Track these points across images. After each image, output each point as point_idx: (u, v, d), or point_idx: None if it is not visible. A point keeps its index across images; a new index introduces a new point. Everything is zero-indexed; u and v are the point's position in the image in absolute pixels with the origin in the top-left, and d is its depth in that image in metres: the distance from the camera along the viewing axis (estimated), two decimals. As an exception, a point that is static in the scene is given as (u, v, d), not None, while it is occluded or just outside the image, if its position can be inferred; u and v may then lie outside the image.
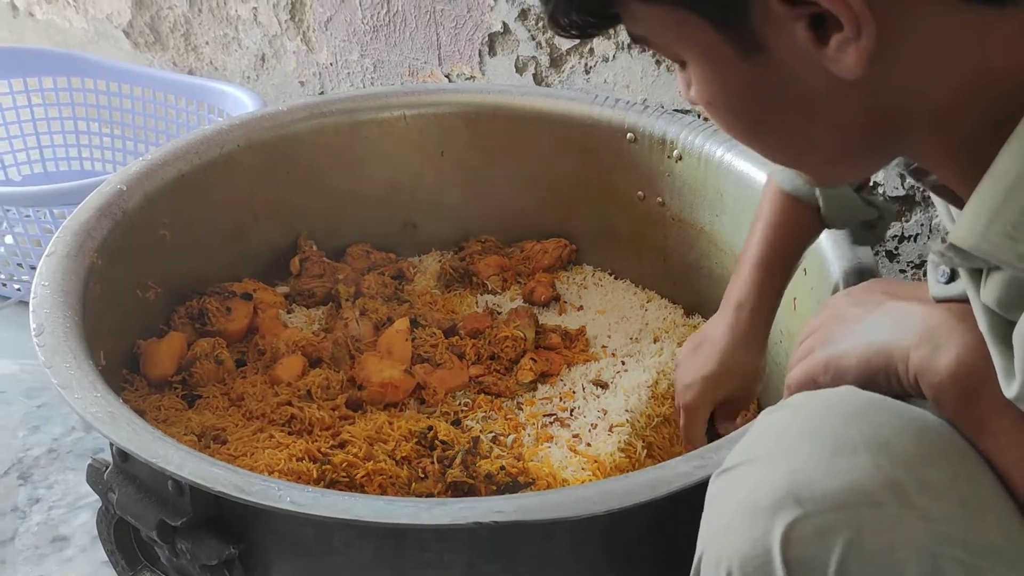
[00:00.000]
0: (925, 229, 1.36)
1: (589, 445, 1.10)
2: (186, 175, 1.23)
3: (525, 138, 1.39)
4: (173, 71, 1.94)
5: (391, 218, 1.46)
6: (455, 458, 1.03)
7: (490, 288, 1.40)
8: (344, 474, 1.00)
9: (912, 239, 1.37)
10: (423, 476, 1.02)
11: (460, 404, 1.17)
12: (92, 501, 1.24)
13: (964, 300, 0.60)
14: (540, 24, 1.52)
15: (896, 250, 1.39)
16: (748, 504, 0.58)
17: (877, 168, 0.64)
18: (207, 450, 1.04)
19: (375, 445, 1.05)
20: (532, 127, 1.38)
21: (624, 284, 1.43)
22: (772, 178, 0.96)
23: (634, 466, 1.09)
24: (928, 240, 1.36)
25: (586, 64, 1.51)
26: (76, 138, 1.90)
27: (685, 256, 1.35)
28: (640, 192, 1.36)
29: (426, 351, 1.23)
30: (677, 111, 1.36)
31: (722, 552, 0.59)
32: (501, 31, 1.55)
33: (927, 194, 1.34)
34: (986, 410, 0.59)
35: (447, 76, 1.65)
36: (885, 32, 0.51)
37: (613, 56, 1.48)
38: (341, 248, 1.42)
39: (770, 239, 0.96)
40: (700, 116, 1.35)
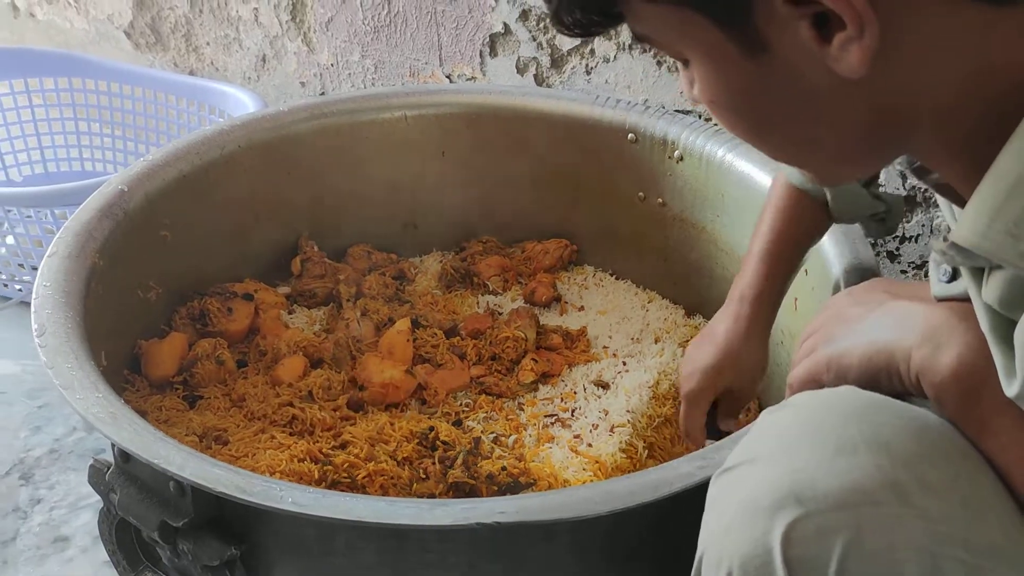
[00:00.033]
0: (926, 230, 1.36)
1: (590, 446, 1.10)
2: (187, 176, 1.23)
3: (526, 139, 1.39)
4: (174, 72, 1.94)
5: (392, 218, 1.46)
6: (456, 459, 1.03)
7: (491, 288, 1.40)
8: (345, 475, 1.00)
9: (913, 239, 1.37)
10: (424, 477, 1.02)
11: (461, 405, 1.17)
12: (93, 502, 1.24)
13: (966, 299, 0.60)
14: (541, 25, 1.52)
15: (897, 250, 1.39)
16: (749, 504, 0.58)
17: (880, 167, 0.65)
18: (208, 451, 1.04)
19: (376, 446, 1.05)
20: (533, 128, 1.38)
21: (625, 284, 1.43)
22: (781, 172, 0.97)
23: (635, 467, 1.09)
24: (929, 241, 1.36)
25: (587, 65, 1.51)
26: (77, 139, 1.90)
27: (686, 257, 1.35)
28: (641, 192, 1.36)
29: (427, 352, 1.23)
30: (678, 111, 1.36)
31: (723, 552, 0.59)
32: (502, 32, 1.55)
33: (928, 194, 1.34)
34: (987, 409, 0.59)
35: (448, 77, 1.65)
36: (888, 31, 0.51)
37: (614, 57, 1.48)
38: (342, 248, 1.42)
39: (777, 231, 0.96)
40: (701, 117, 1.35)
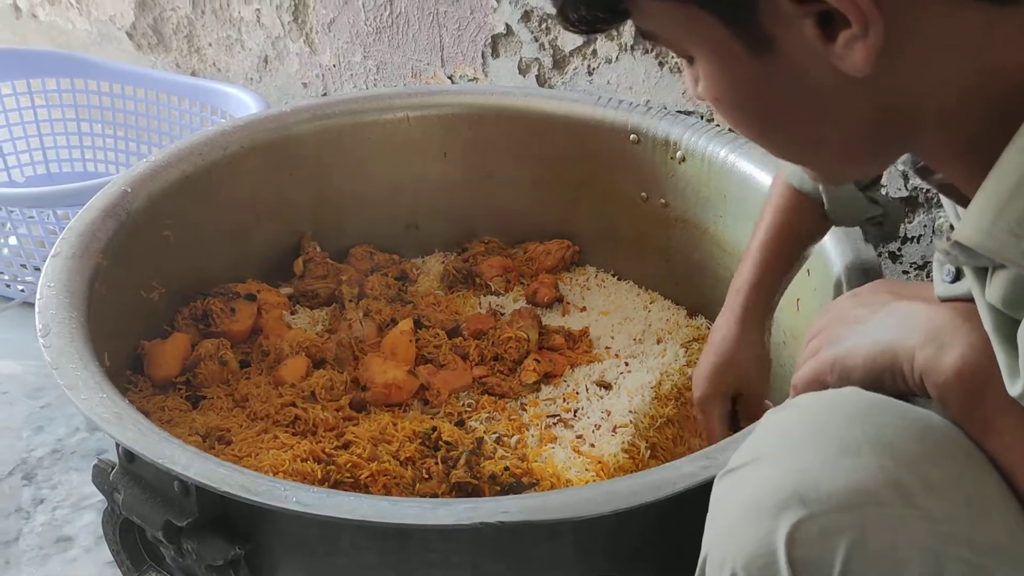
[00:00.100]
0: (928, 230, 1.35)
1: (593, 446, 1.10)
2: (190, 176, 1.24)
3: (528, 139, 1.39)
4: (176, 73, 1.94)
5: (394, 219, 1.46)
6: (459, 459, 1.03)
7: (493, 289, 1.40)
8: (348, 475, 1.00)
9: (915, 240, 1.37)
10: (427, 477, 1.02)
11: (464, 405, 1.17)
12: (96, 502, 1.24)
13: (969, 299, 0.60)
14: (543, 26, 1.52)
15: (899, 251, 1.39)
16: (753, 504, 0.58)
17: (884, 166, 0.64)
18: (212, 451, 1.04)
19: (379, 446, 1.05)
20: (535, 128, 1.38)
21: (627, 285, 1.43)
22: (780, 171, 0.97)
23: (638, 467, 1.09)
24: (931, 241, 1.36)
25: (589, 65, 1.51)
26: (79, 139, 1.90)
27: (688, 257, 1.35)
28: (643, 193, 1.36)
29: (430, 352, 1.23)
30: (680, 112, 1.36)
31: (726, 552, 0.59)
32: (504, 33, 1.55)
33: (930, 195, 1.34)
34: (991, 409, 0.59)
35: (450, 78, 1.65)
36: (892, 30, 0.51)
37: (616, 57, 1.48)
38: (344, 249, 1.42)
39: (774, 227, 0.96)
40: (703, 117, 1.35)
